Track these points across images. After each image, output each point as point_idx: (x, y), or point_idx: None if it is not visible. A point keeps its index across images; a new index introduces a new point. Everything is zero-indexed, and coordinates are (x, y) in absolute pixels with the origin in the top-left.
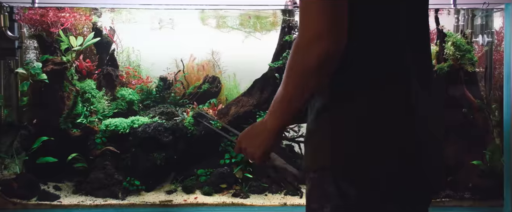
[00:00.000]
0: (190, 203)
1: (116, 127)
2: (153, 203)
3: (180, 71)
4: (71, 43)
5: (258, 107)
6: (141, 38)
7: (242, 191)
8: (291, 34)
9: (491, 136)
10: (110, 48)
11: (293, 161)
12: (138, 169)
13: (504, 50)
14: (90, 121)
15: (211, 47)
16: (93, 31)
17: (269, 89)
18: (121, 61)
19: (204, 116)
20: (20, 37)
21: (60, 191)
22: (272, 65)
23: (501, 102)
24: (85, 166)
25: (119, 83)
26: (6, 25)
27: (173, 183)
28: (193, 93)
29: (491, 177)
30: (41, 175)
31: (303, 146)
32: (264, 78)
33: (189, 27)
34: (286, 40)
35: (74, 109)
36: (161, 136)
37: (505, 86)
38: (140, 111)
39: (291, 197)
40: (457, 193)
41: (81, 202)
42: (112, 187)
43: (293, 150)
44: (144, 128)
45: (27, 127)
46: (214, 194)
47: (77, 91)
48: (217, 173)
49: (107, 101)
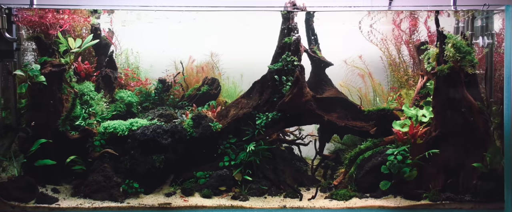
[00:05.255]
0: (189, 205)
1: (115, 129)
2: (152, 205)
3: (179, 73)
4: (70, 45)
5: (257, 109)
6: (140, 39)
7: (242, 193)
8: (291, 36)
9: (491, 138)
10: (109, 50)
11: (292, 163)
12: (137, 171)
13: (505, 51)
14: (88, 123)
15: (210, 49)
16: (92, 33)
17: (268, 91)
18: (120, 63)
19: (203, 118)
20: (18, 39)
21: (58, 193)
22: (271, 67)
23: (502, 104)
24: (84, 169)
25: (118, 85)
26: (4, 27)
27: (172, 185)
28: (192, 95)
29: (492, 179)
30: (39, 178)
31: (302, 148)
32: (264, 80)
33: (189, 28)
34: (285, 42)
35: (72, 111)
36: (160, 138)
37: (505, 88)
38: (139, 113)
39: (291, 199)
40: (458, 195)
41: (80, 205)
42: (111, 189)
43: (292, 152)
44: (143, 130)
45: (25, 130)
46: (213, 196)
47: (75, 93)
48: (216, 175)
49: (106, 103)
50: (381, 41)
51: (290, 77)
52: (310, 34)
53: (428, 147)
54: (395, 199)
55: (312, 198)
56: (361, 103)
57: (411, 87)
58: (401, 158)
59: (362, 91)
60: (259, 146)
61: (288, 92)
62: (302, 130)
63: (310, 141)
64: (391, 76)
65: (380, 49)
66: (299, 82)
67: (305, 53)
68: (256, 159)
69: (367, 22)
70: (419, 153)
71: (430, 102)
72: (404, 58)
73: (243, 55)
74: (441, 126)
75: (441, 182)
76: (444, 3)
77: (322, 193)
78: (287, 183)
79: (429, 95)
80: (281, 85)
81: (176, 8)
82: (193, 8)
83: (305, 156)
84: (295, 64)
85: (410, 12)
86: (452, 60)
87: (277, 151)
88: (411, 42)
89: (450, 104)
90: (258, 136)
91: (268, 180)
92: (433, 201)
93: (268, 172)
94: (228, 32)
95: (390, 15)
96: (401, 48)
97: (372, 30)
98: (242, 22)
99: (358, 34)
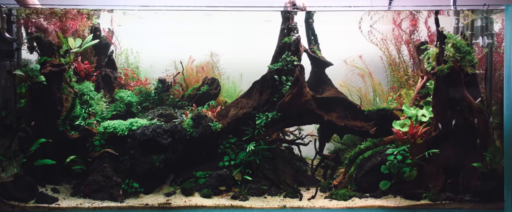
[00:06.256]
0: (189, 205)
1: (115, 129)
2: (152, 205)
3: (179, 73)
4: (70, 44)
5: (257, 109)
6: (140, 39)
7: (241, 193)
8: (290, 35)
9: (491, 138)
10: (109, 49)
11: (292, 163)
12: (137, 171)
13: (505, 51)
14: (88, 123)
15: (210, 49)
16: (92, 33)
17: (268, 91)
18: (120, 62)
19: (203, 118)
20: (18, 39)
21: (58, 193)
22: (271, 67)
23: (502, 103)
24: (84, 168)
25: (118, 85)
26: (4, 27)
27: (172, 185)
28: (192, 95)
29: (492, 179)
30: (39, 178)
31: (302, 148)
32: (264, 80)
33: (189, 28)
34: (285, 42)
35: (72, 111)
36: (160, 138)
37: (505, 87)
38: (138, 113)
39: (291, 199)
40: (458, 195)
41: (80, 205)
42: (111, 189)
43: (292, 152)
44: (142, 130)
45: (25, 129)
46: (213, 196)
47: (75, 93)
48: (216, 175)
49: (106, 103)
50: (381, 41)
51: (290, 77)
52: (310, 34)
53: (428, 147)
54: (395, 199)
55: (312, 198)
56: (361, 103)
57: (411, 87)
58: (401, 158)
59: (362, 91)
60: (259, 146)
61: (288, 92)
62: (302, 130)
63: (310, 141)
64: (391, 76)
65: (380, 49)
66: (299, 82)
67: (305, 53)
68: (256, 159)
69: (367, 22)
70: (419, 153)
71: (430, 102)
72: (404, 58)
73: (243, 55)
74: (441, 126)
75: (441, 182)
76: (444, 3)
77: (322, 193)
78: (287, 183)
79: (429, 95)
80: (281, 85)
81: (176, 8)
82: (193, 8)
83: (305, 156)
84: (295, 64)
85: (410, 12)
86: (452, 60)
87: (277, 151)
88: (411, 42)
89: (450, 104)
90: (258, 136)
91: (268, 180)
92: (433, 201)
93: (268, 172)
94: (228, 32)
95: (390, 15)
96: (401, 48)
97: (372, 30)
98: (242, 21)
99: (358, 34)
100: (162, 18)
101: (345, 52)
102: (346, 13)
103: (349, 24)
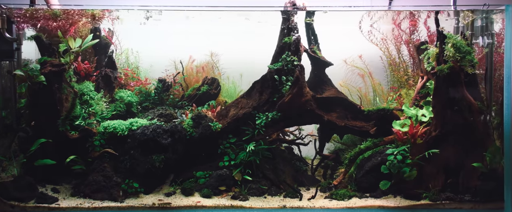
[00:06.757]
0: (189, 205)
1: (115, 129)
2: (152, 205)
3: (179, 73)
4: (70, 44)
5: (257, 109)
6: (140, 39)
7: (241, 193)
8: (291, 35)
9: (491, 138)
10: (109, 49)
11: (292, 163)
12: (137, 171)
13: (505, 51)
14: (88, 123)
15: (210, 49)
16: (92, 33)
17: (268, 91)
18: (120, 62)
19: (203, 118)
20: (18, 39)
21: (58, 193)
22: (271, 67)
23: (502, 103)
24: (84, 168)
25: (118, 85)
26: (4, 27)
27: (172, 185)
28: (192, 95)
29: (492, 179)
30: (39, 178)
31: (302, 148)
32: (264, 80)
33: (189, 28)
34: (285, 42)
35: (72, 111)
36: (160, 138)
37: (505, 87)
38: (138, 113)
39: (291, 199)
40: (458, 195)
41: (79, 205)
42: (111, 189)
43: (292, 152)
44: (142, 130)
45: (25, 129)
46: (213, 196)
47: (75, 93)
48: (216, 175)
49: (106, 103)
50: (381, 41)
51: (290, 77)
52: (310, 34)
53: (428, 147)
54: (395, 199)
55: (312, 198)
56: (361, 103)
57: (411, 87)
58: (401, 158)
59: (362, 91)
60: (259, 146)
61: (288, 92)
62: (302, 130)
63: (310, 141)
64: (391, 76)
65: (380, 49)
66: (299, 82)
67: (305, 53)
68: (256, 159)
69: (367, 22)
70: (419, 153)
71: (430, 102)
72: (404, 58)
73: (243, 55)
74: (441, 126)
75: (441, 182)
76: (444, 3)
77: (322, 193)
78: (287, 183)
79: (429, 95)
80: (281, 85)
81: (176, 8)
82: (193, 8)
83: (305, 156)
84: (295, 64)
85: (410, 12)
86: (452, 60)
87: (277, 151)
88: (411, 42)
89: (450, 104)
90: (258, 136)
91: (268, 180)
92: (433, 201)
93: (268, 172)
94: (228, 32)
95: (390, 15)
96: (401, 48)
97: (372, 30)
98: (243, 21)
99: (358, 34)
100: (166, 18)
101: (345, 52)
102: (346, 13)
103: (349, 24)
